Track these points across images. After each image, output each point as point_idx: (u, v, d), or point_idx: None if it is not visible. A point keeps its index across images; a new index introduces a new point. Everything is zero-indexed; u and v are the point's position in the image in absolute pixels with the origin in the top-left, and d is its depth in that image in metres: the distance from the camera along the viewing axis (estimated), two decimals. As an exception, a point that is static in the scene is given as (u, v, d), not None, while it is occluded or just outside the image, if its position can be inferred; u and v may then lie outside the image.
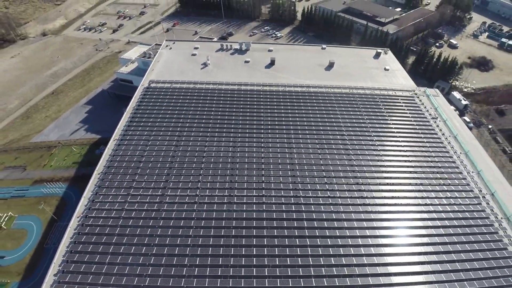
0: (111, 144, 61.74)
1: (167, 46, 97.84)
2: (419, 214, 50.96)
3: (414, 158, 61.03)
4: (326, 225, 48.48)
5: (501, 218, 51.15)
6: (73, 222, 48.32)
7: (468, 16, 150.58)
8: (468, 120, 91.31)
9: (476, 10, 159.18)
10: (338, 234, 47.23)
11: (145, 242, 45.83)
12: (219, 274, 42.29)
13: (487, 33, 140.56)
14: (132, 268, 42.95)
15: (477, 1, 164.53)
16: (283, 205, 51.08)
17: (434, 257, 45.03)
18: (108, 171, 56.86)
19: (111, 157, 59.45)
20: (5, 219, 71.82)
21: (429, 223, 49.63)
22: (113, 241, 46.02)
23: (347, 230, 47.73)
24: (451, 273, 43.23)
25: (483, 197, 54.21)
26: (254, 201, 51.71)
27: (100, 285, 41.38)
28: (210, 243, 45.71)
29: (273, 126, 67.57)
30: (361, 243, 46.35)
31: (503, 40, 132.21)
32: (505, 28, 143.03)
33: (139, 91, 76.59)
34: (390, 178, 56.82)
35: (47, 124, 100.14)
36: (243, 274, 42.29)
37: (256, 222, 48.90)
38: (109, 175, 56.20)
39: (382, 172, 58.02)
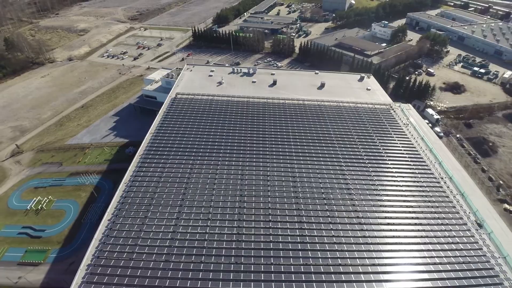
0: (148, 136, 77.28)
1: (188, 68, 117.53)
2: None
3: (388, 155, 75.27)
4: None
5: (456, 194, 65.06)
6: (122, 185, 62.27)
7: (445, 50, 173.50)
8: (439, 130, 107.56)
9: (454, 44, 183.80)
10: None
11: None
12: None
13: (461, 64, 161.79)
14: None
15: (454, 38, 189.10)
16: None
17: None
18: (146, 155, 71.34)
19: (148, 145, 74.53)
20: (45, 202, 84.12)
21: (393, 192, 63.81)
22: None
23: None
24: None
25: (442, 178, 68.53)
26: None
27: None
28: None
29: (276, 130, 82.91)
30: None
31: (475, 68, 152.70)
32: (478, 59, 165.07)
33: (168, 100, 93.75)
34: (370, 171, 69.83)
35: (80, 130, 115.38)
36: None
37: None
38: (145, 163, 69.71)
39: (361, 162, 72.51)
